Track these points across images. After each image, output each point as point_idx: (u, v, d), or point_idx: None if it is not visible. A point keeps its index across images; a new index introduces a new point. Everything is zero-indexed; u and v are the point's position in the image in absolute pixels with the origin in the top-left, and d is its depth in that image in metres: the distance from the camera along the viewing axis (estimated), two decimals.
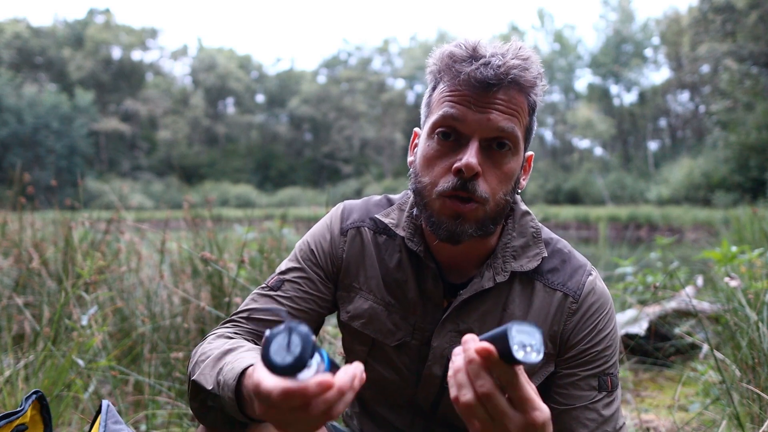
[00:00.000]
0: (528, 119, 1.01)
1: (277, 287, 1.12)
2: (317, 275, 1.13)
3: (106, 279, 2.95)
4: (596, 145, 48.02)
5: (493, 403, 0.69)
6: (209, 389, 0.90)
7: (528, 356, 0.65)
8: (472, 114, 0.95)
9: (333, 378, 0.66)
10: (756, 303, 2.22)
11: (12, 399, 1.89)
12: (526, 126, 1.01)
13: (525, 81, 0.96)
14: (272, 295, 1.11)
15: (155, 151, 49.86)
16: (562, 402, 1.04)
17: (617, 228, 20.43)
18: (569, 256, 1.11)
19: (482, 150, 0.97)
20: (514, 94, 0.96)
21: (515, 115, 0.97)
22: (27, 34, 46.22)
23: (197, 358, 0.98)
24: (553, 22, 50.20)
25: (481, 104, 0.95)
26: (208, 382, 0.91)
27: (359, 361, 1.16)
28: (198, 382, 0.93)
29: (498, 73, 0.93)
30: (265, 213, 10.92)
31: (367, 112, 51.21)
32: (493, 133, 0.96)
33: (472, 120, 0.96)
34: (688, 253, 6.87)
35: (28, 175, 4.13)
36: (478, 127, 0.96)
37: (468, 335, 0.72)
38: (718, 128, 27.25)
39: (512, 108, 0.96)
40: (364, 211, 1.17)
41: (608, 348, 1.06)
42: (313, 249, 1.15)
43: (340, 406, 0.68)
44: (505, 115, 0.96)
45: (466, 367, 0.70)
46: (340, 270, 1.14)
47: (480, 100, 0.95)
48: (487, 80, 0.93)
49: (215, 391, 0.89)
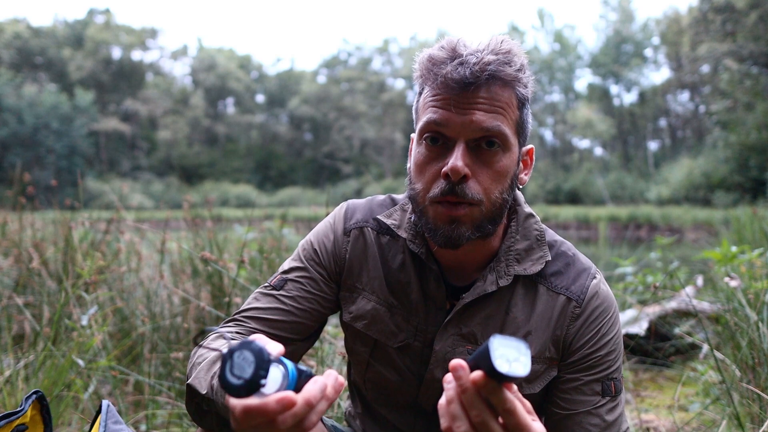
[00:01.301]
0: (518, 113, 0.98)
1: (279, 286, 1.11)
2: (320, 275, 1.13)
3: (106, 279, 2.95)
4: (596, 145, 48.05)
5: (488, 431, 0.67)
6: (203, 393, 0.89)
7: (513, 370, 0.63)
8: (455, 116, 0.94)
9: (298, 392, 0.66)
10: (756, 303, 2.22)
11: (12, 399, 1.89)
12: (517, 120, 0.98)
13: (505, 75, 0.93)
14: (275, 294, 1.10)
15: (155, 151, 49.84)
16: (565, 407, 1.03)
17: (617, 228, 20.43)
18: (573, 259, 1.10)
19: (471, 151, 0.95)
20: (497, 90, 0.94)
21: (500, 111, 0.94)
22: (27, 34, 46.19)
23: (195, 360, 0.98)
24: (553, 22, 50.18)
25: (462, 105, 0.94)
26: (202, 386, 0.90)
27: (361, 362, 1.17)
28: (193, 386, 0.92)
29: (474, 71, 0.91)
30: (265, 213, 10.92)
31: (367, 112, 51.18)
32: (479, 133, 0.94)
33: (455, 122, 0.94)
34: (688, 253, 6.87)
35: (28, 175, 4.13)
36: (462, 128, 0.94)
37: (456, 361, 0.68)
38: (718, 128, 27.26)
39: (496, 105, 0.94)
40: (367, 211, 1.16)
41: (612, 352, 1.05)
42: (317, 248, 1.14)
43: (312, 417, 0.67)
44: (488, 113, 0.94)
45: (459, 397, 0.68)
46: (343, 270, 1.13)
47: (461, 101, 0.94)
48: (464, 80, 0.92)
49: (209, 396, 0.88)
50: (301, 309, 1.09)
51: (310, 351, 2.26)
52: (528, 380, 1.05)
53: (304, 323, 1.10)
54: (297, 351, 1.12)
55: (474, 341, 1.05)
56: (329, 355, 2.35)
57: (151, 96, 49.73)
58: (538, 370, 1.05)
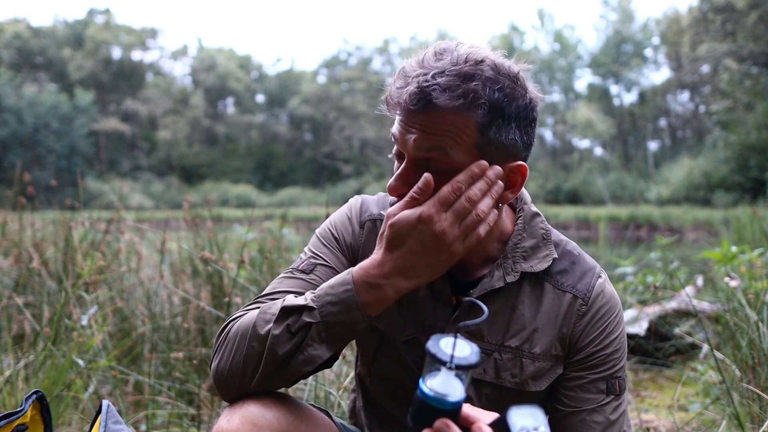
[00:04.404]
0: (478, 135, 0.92)
1: (309, 270, 1.09)
2: (342, 262, 1.13)
3: (106, 279, 2.95)
4: (596, 145, 48.05)
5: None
6: (305, 304, 0.93)
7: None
8: (402, 135, 0.96)
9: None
10: (756, 303, 2.23)
11: (12, 399, 1.89)
12: (477, 142, 0.93)
13: (442, 103, 0.89)
14: (304, 278, 1.08)
15: (155, 151, 49.80)
16: (570, 404, 1.04)
17: (617, 228, 20.40)
18: (579, 258, 1.11)
19: (419, 170, 0.95)
20: (443, 114, 0.91)
21: (443, 134, 0.92)
22: (27, 34, 46.15)
23: (253, 317, 0.97)
24: (553, 22, 50.23)
25: (407, 124, 0.95)
26: (301, 302, 0.94)
27: (368, 355, 1.17)
28: (289, 306, 0.94)
29: (412, 96, 0.91)
30: (265, 213, 10.90)
31: (367, 112, 51.16)
32: (418, 154, 0.95)
33: (401, 141, 0.96)
34: (688, 253, 6.87)
35: (28, 175, 4.13)
36: (405, 147, 0.96)
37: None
38: (718, 128, 27.24)
39: (438, 128, 0.92)
40: (380, 206, 1.18)
41: (617, 351, 1.06)
42: (338, 237, 1.16)
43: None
44: (427, 134, 0.92)
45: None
46: (357, 261, 1.14)
47: (407, 121, 0.95)
48: (406, 105, 0.92)
49: (313, 305, 0.93)
50: None
51: None
52: (534, 378, 1.06)
53: None
54: None
55: (480, 338, 1.06)
56: None
57: (151, 96, 49.70)
58: (544, 368, 1.06)
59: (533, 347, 1.05)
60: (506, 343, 1.05)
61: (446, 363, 0.65)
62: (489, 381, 1.06)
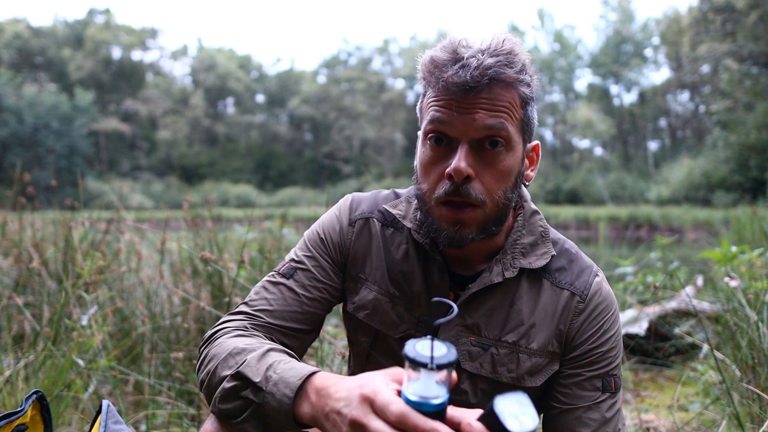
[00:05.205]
0: (522, 111, 0.99)
1: (289, 275, 1.10)
2: (328, 264, 1.13)
3: (106, 279, 2.95)
4: (596, 145, 48.05)
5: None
6: (256, 381, 0.86)
7: (524, 426, 0.61)
8: (457, 117, 0.94)
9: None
10: (756, 303, 2.23)
11: (12, 399, 1.89)
12: (521, 118, 0.99)
13: (506, 77, 0.94)
14: (285, 282, 1.09)
15: (155, 151, 49.81)
16: (566, 401, 1.05)
17: (617, 228, 20.43)
18: (576, 256, 1.12)
19: (474, 151, 0.96)
20: (499, 91, 0.94)
21: (503, 111, 0.95)
22: (27, 34, 46.16)
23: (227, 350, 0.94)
24: (553, 22, 50.21)
25: (464, 106, 0.94)
26: (255, 375, 0.87)
27: (362, 353, 1.17)
28: (244, 373, 0.88)
29: (475, 76, 0.91)
30: (265, 213, 10.91)
31: (367, 112, 51.19)
32: (481, 133, 0.95)
33: (458, 123, 0.95)
34: (688, 253, 6.87)
35: (28, 175, 4.13)
36: (465, 129, 0.95)
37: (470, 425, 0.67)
38: (718, 128, 27.24)
39: (498, 105, 0.95)
40: (372, 203, 1.18)
41: (613, 349, 1.07)
42: (323, 238, 1.15)
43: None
44: (491, 113, 0.94)
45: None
46: (348, 260, 1.15)
47: (463, 103, 0.94)
48: (465, 84, 0.92)
49: (261, 385, 0.85)
50: (311, 298, 1.10)
51: (310, 351, 2.27)
52: (530, 374, 1.06)
53: (314, 312, 1.10)
54: (304, 344, 1.12)
55: (478, 332, 1.06)
56: (329, 355, 2.36)
57: (151, 96, 49.72)
58: (540, 364, 1.06)
59: (530, 343, 1.05)
60: (503, 338, 1.05)
61: (427, 365, 0.65)
62: (485, 376, 1.06)
